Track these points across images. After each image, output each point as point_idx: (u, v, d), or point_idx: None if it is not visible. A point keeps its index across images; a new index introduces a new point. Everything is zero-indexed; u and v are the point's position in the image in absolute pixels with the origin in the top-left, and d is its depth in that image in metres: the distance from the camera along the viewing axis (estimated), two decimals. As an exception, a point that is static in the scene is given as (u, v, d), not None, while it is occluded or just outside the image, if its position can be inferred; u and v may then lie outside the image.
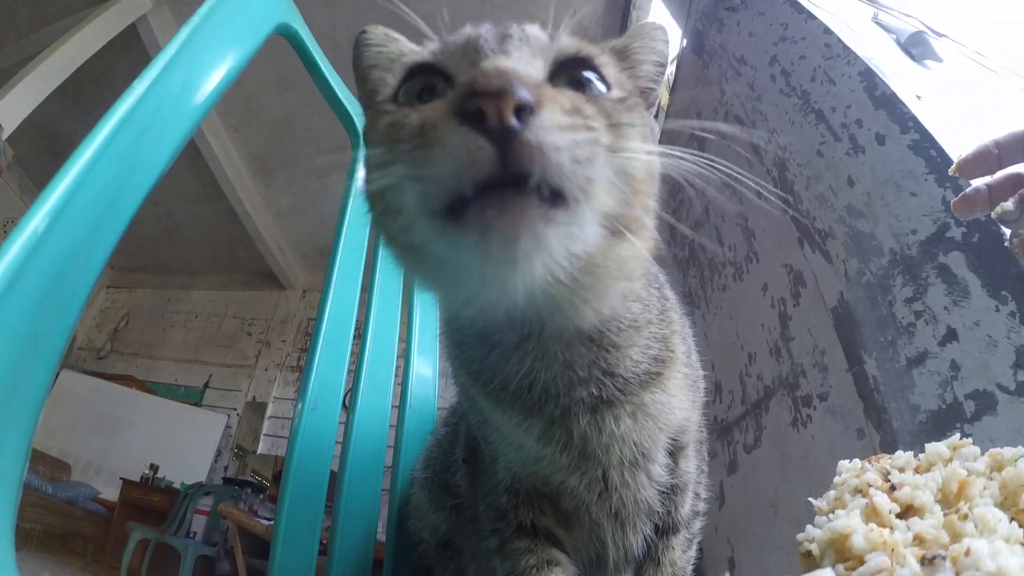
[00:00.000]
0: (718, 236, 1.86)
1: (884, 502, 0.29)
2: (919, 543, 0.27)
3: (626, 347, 0.49)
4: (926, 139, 1.06)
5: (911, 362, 0.99)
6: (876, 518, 0.28)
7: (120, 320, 5.96)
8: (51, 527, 3.93)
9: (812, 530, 0.29)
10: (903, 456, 0.35)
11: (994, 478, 0.33)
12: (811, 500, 0.33)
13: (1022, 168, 0.56)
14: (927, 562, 0.25)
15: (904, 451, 0.36)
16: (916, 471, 0.34)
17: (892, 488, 0.31)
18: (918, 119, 1.09)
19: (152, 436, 4.87)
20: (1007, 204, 0.52)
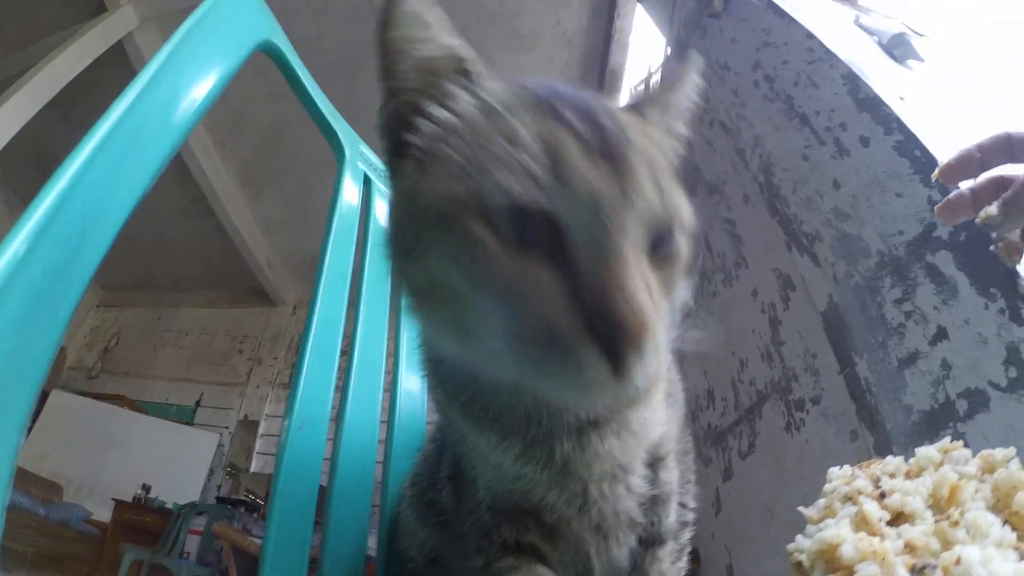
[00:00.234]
0: (706, 242, 1.86)
1: (874, 510, 0.29)
2: (910, 551, 0.27)
3: None
4: (910, 140, 1.07)
5: (902, 363, 1.00)
6: (866, 527, 0.28)
7: (111, 339, 5.91)
8: (44, 549, 3.87)
9: (802, 540, 0.28)
10: (893, 461, 0.35)
11: (986, 480, 0.33)
12: (801, 509, 0.33)
13: (1005, 171, 0.56)
14: (917, 571, 0.25)
15: (898, 451, 0.36)
16: (907, 476, 0.34)
17: (882, 495, 0.31)
18: (902, 120, 1.10)
19: (144, 456, 4.82)
20: (991, 209, 0.52)
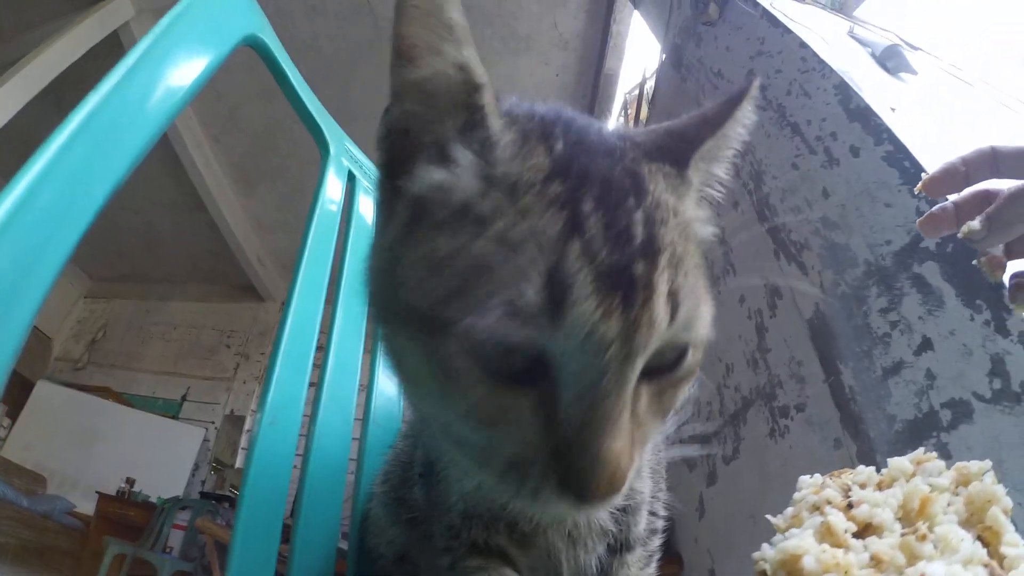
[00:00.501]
0: None
1: (839, 521, 0.28)
2: (876, 564, 0.27)
3: None
4: (900, 150, 1.07)
5: (887, 372, 1.00)
6: (831, 538, 0.28)
7: (98, 331, 5.87)
8: (27, 541, 3.84)
9: (767, 549, 0.28)
10: (865, 471, 0.34)
11: (960, 493, 0.32)
12: (768, 517, 0.32)
13: (990, 186, 0.55)
14: (880, 585, 0.24)
15: (881, 460, 0.35)
16: (878, 487, 0.33)
17: (850, 506, 0.30)
18: (892, 131, 1.10)
19: (129, 449, 4.78)
20: (974, 224, 0.51)
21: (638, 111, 2.58)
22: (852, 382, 1.06)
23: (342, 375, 0.76)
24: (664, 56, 2.23)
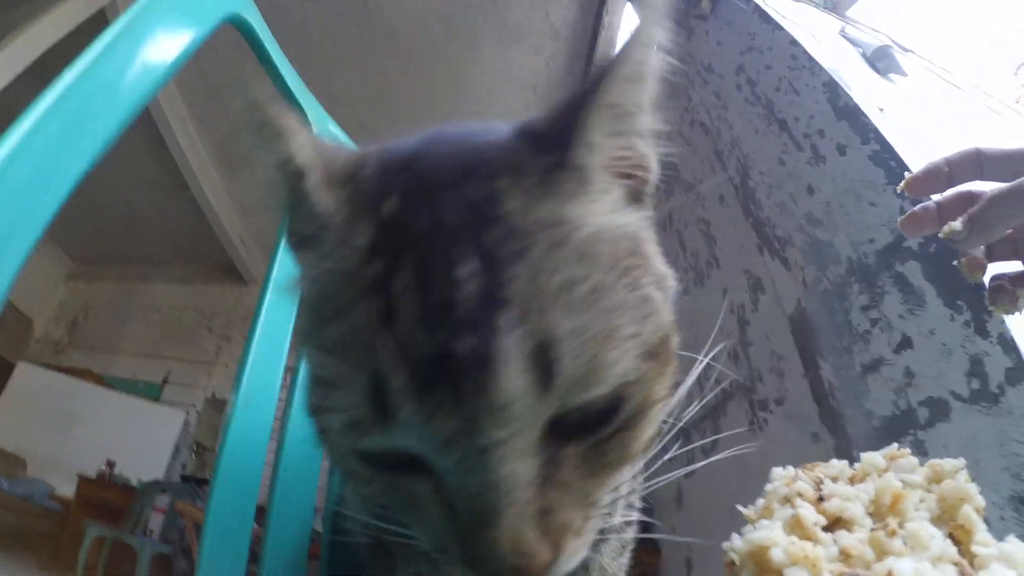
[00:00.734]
0: (680, 241, 1.87)
1: (809, 514, 0.29)
2: (845, 558, 0.27)
3: None
4: (887, 150, 1.08)
5: (866, 368, 1.01)
6: (800, 531, 0.28)
7: (79, 312, 5.79)
8: (6, 524, 3.82)
9: (736, 540, 0.28)
10: (837, 465, 0.34)
11: (933, 490, 0.32)
12: (739, 508, 0.32)
13: (973, 187, 0.55)
14: (846, 580, 0.25)
15: (858, 455, 0.35)
16: (851, 481, 0.34)
17: (821, 499, 0.30)
18: (879, 131, 1.11)
19: (109, 432, 4.74)
20: (955, 224, 0.51)
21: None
22: (831, 378, 1.08)
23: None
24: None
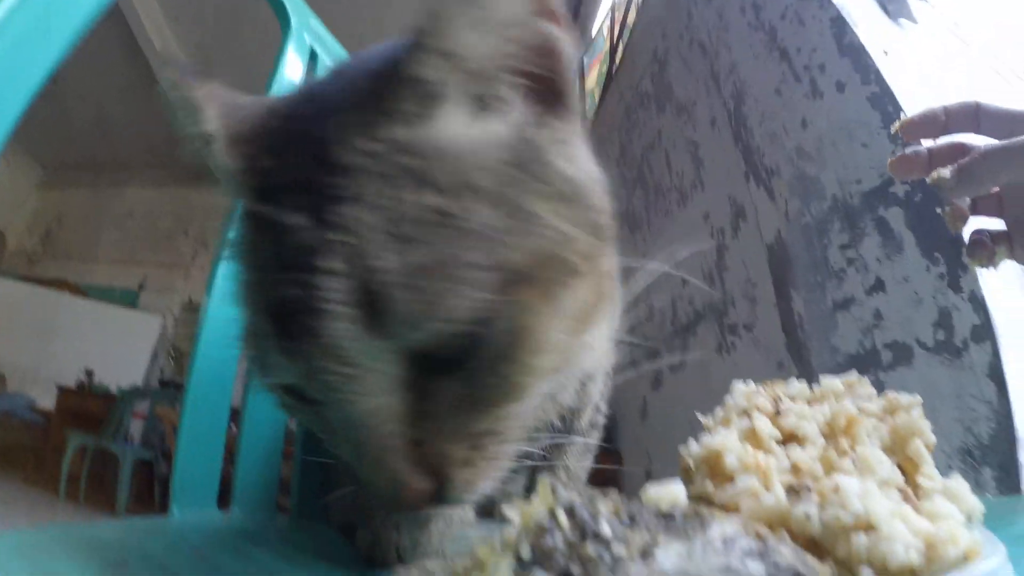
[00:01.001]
0: (667, 160, 1.85)
1: (765, 426, 0.29)
2: (795, 471, 0.27)
3: None
4: (886, 93, 1.05)
5: (837, 305, 1.03)
6: (754, 441, 0.28)
7: (52, 222, 5.66)
8: (-10, 441, 3.87)
9: (693, 445, 0.29)
10: (797, 386, 0.35)
11: (887, 421, 0.33)
12: (698, 415, 0.33)
13: (966, 140, 0.55)
14: (794, 491, 0.25)
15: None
16: (808, 403, 0.34)
17: (778, 414, 0.31)
18: (881, 73, 1.08)
19: (87, 341, 4.75)
20: (944, 171, 0.51)
21: (625, 16, 2.44)
22: (802, 310, 1.10)
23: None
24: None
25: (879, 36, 1.22)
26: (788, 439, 0.30)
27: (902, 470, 0.29)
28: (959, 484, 0.28)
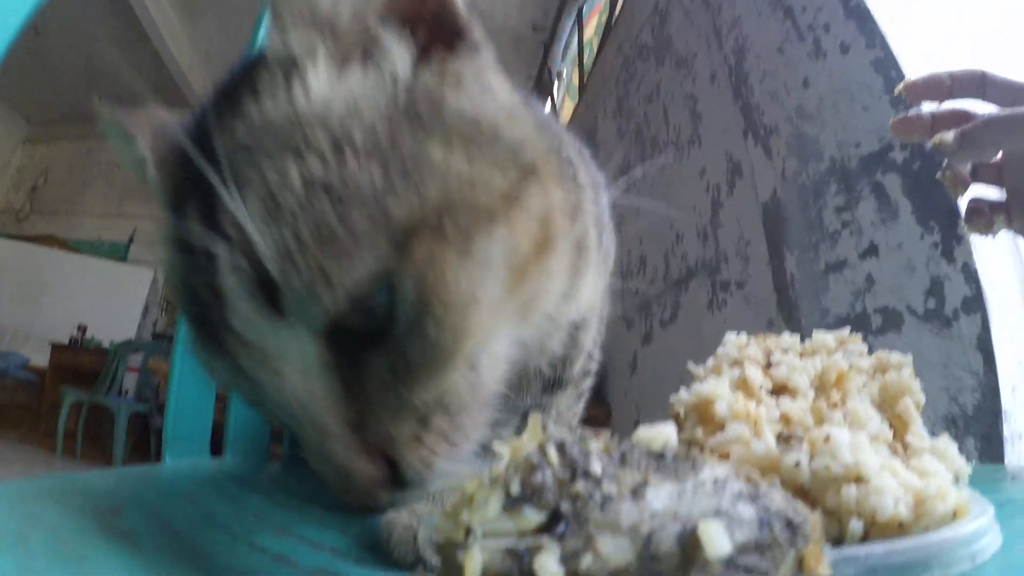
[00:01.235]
0: (665, 114, 1.83)
1: (756, 376, 0.29)
2: (784, 422, 0.27)
3: None
4: (889, 58, 1.04)
5: (829, 267, 1.03)
6: (746, 390, 0.28)
7: (39, 177, 5.54)
8: (-15, 401, 3.88)
9: (684, 393, 0.29)
10: (789, 339, 0.35)
11: (877, 379, 0.33)
12: (690, 365, 0.33)
13: (969, 107, 0.55)
14: (784, 440, 0.25)
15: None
16: (800, 356, 0.34)
17: (769, 365, 0.31)
18: (886, 38, 1.06)
19: (78, 297, 4.72)
20: (947, 135, 0.51)
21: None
22: (795, 270, 1.10)
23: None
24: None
25: (888, 1, 1.20)
26: (779, 390, 0.30)
27: (891, 427, 0.29)
28: (946, 444, 0.28)
